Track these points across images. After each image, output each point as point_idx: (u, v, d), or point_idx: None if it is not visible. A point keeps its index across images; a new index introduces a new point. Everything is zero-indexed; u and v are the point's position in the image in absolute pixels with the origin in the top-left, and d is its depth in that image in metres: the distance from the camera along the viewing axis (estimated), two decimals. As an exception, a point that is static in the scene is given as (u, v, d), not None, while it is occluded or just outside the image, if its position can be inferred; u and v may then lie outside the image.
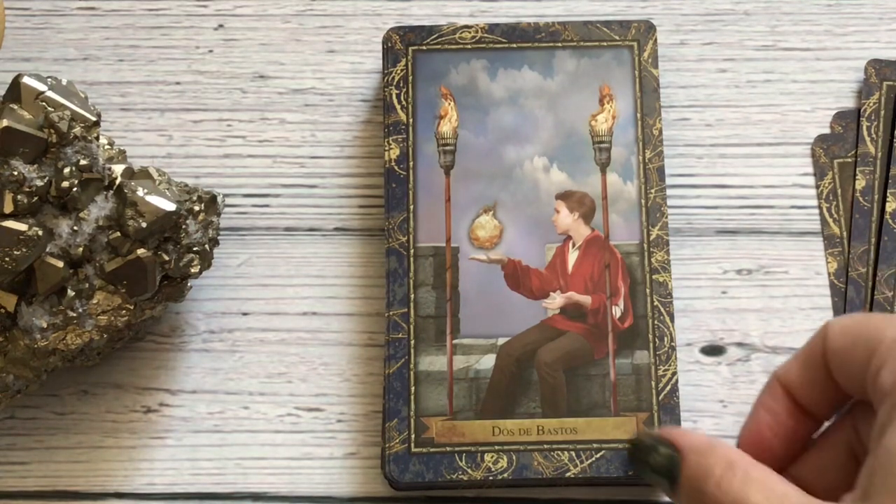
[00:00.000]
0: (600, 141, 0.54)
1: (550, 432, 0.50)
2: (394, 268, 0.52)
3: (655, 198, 0.53)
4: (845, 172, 0.56)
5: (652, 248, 0.53)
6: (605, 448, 0.50)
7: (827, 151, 0.56)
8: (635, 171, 0.54)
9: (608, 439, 0.50)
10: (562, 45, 0.55)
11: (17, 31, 0.59)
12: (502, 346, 0.52)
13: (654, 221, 0.53)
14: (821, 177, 0.56)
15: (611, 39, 0.55)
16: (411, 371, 0.51)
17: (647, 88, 0.55)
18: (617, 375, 0.51)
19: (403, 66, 0.55)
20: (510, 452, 0.50)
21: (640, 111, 0.54)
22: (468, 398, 0.51)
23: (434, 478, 0.50)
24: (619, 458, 0.50)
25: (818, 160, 0.56)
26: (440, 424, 0.50)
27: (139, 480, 0.52)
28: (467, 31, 0.56)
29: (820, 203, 0.55)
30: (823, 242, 0.55)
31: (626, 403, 0.51)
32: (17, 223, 0.48)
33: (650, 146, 0.54)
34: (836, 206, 0.55)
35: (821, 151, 0.56)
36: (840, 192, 0.55)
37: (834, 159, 0.56)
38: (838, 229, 0.55)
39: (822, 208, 0.55)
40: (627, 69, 0.55)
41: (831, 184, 0.55)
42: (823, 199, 0.55)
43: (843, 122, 0.56)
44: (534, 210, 0.53)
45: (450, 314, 0.52)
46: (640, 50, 0.55)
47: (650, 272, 0.52)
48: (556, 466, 0.50)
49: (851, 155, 0.56)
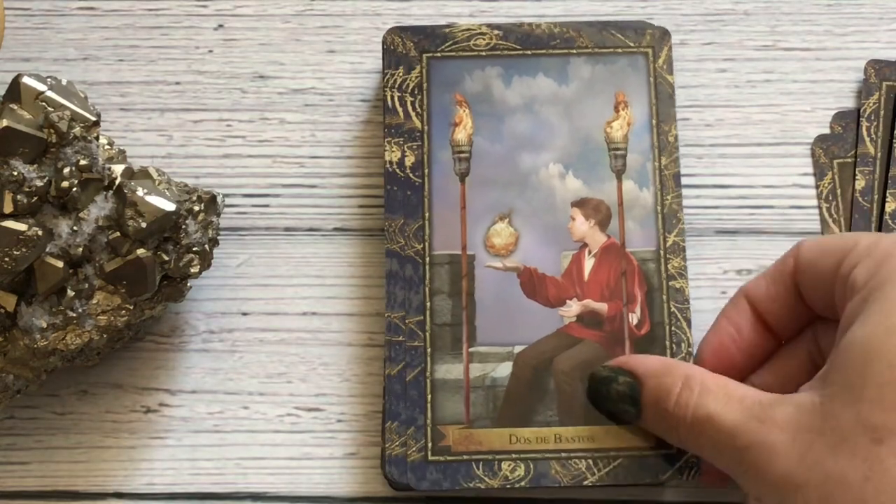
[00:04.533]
0: (616, 148, 0.54)
1: (568, 440, 0.50)
2: (409, 275, 0.52)
3: (671, 204, 0.53)
4: (845, 172, 0.56)
5: (668, 254, 0.53)
6: (622, 456, 0.50)
7: (827, 151, 0.56)
8: (650, 177, 0.53)
9: (626, 447, 0.50)
10: (576, 52, 0.55)
11: (17, 31, 0.59)
12: (518, 355, 0.51)
13: (670, 228, 0.53)
14: (820, 177, 0.56)
15: (626, 46, 0.55)
16: (427, 379, 0.51)
17: (662, 95, 0.55)
18: None
19: (418, 73, 0.55)
20: (528, 461, 0.50)
21: (655, 118, 0.54)
22: (485, 406, 0.51)
23: (451, 486, 0.50)
24: (638, 465, 0.49)
25: (818, 160, 0.56)
26: (457, 433, 0.50)
27: (139, 480, 0.52)
28: (481, 37, 0.55)
29: (820, 203, 0.55)
30: None
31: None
32: (17, 223, 0.48)
33: (666, 153, 0.54)
34: (835, 206, 0.55)
35: (820, 151, 0.56)
36: (840, 193, 0.55)
37: (834, 159, 0.56)
38: (838, 229, 0.55)
39: (822, 208, 0.55)
40: (643, 76, 0.55)
41: (831, 184, 0.56)
42: (823, 199, 0.55)
43: (843, 122, 0.56)
44: (549, 217, 0.53)
45: (466, 322, 0.52)
46: (654, 56, 0.55)
47: (667, 279, 0.52)
48: (573, 475, 0.50)
49: (851, 155, 0.56)
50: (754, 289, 0.49)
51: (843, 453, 0.41)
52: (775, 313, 0.48)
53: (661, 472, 0.49)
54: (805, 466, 0.41)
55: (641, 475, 0.49)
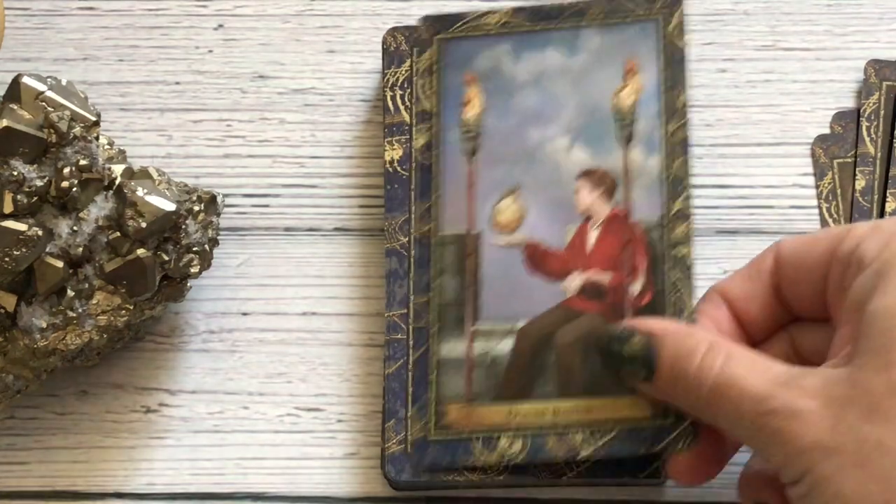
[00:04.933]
0: (623, 117, 0.53)
1: (566, 413, 0.50)
2: (418, 255, 0.52)
3: (677, 170, 0.52)
4: (845, 172, 0.56)
5: (672, 221, 0.51)
6: (618, 427, 0.49)
7: (827, 151, 0.56)
8: (658, 144, 0.52)
9: (622, 418, 0.49)
10: (586, 24, 0.55)
11: (17, 31, 0.59)
12: (520, 330, 0.51)
13: (675, 195, 0.52)
14: (821, 177, 0.56)
15: (636, 14, 0.55)
16: (433, 357, 0.51)
17: (672, 60, 0.53)
18: None
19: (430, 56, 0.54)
20: (525, 436, 0.50)
21: (664, 83, 0.53)
22: (486, 383, 0.50)
23: (452, 462, 0.49)
24: (633, 437, 0.49)
25: (818, 160, 0.56)
26: (458, 410, 0.50)
27: (139, 480, 0.52)
28: (492, 15, 0.55)
29: (820, 203, 0.55)
30: None
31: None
32: (17, 223, 0.48)
33: (674, 119, 0.53)
34: (836, 206, 0.55)
35: (821, 151, 0.56)
36: (840, 192, 0.55)
37: (834, 159, 0.56)
38: None
39: (822, 208, 0.55)
40: (652, 42, 0.54)
41: (831, 184, 0.56)
42: (823, 199, 0.55)
43: (843, 122, 0.56)
44: (555, 191, 0.52)
45: (472, 299, 0.52)
46: (665, 22, 0.54)
47: (671, 246, 0.51)
48: (569, 447, 0.49)
49: (851, 155, 0.56)
50: (730, 287, 0.48)
51: (878, 419, 0.41)
52: (751, 313, 0.48)
53: (655, 443, 0.48)
54: (838, 433, 0.41)
55: (636, 446, 0.48)
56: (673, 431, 0.48)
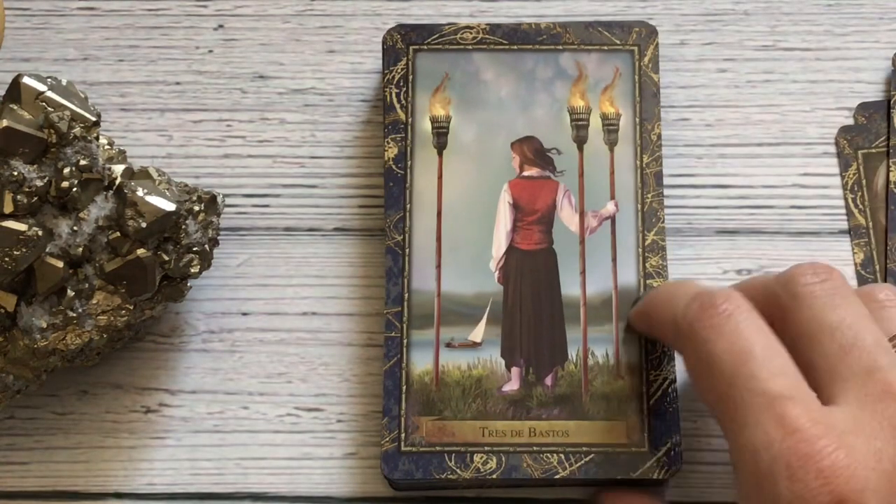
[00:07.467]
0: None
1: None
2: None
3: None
4: (870, 163, 0.56)
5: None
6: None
7: (851, 142, 0.56)
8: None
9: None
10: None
11: (17, 31, 0.59)
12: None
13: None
14: (845, 168, 0.56)
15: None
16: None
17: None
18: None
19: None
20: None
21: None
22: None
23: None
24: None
25: (842, 151, 0.56)
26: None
27: (139, 480, 0.52)
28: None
29: (845, 194, 0.55)
30: (849, 234, 0.55)
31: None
32: (17, 223, 0.48)
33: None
34: (861, 197, 0.55)
35: (845, 142, 0.56)
36: (865, 183, 0.55)
37: (858, 150, 0.56)
38: (864, 219, 0.55)
39: (847, 199, 0.55)
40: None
41: (856, 174, 0.55)
42: (848, 189, 0.55)
43: (867, 112, 0.56)
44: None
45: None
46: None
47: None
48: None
49: (876, 145, 0.56)
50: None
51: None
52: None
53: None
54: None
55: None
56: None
